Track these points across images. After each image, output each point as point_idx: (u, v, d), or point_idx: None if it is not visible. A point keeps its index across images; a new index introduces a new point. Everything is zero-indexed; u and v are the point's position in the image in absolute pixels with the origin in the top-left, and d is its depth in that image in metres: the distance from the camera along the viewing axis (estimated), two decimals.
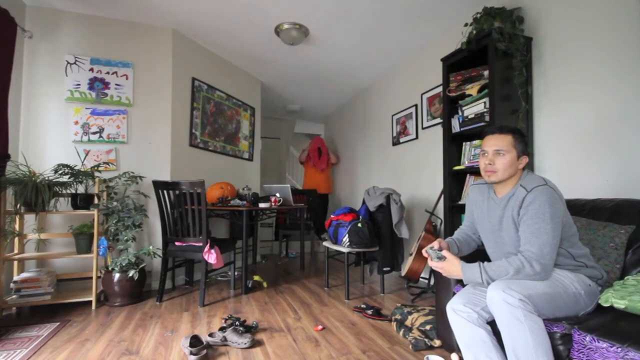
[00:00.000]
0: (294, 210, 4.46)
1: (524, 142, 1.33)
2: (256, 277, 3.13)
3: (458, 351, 1.51)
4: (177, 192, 2.50)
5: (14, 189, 2.18)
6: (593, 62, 1.91)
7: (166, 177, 2.96)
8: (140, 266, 2.52)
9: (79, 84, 2.75)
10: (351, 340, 1.90)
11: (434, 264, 1.35)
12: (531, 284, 1.16)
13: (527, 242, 1.21)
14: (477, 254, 1.53)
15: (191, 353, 1.62)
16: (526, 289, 1.13)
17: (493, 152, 1.31)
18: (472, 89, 2.33)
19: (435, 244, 1.39)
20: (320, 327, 2.07)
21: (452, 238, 1.55)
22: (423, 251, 1.42)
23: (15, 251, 2.44)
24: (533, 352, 1.05)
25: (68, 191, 2.42)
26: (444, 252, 1.33)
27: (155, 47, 2.99)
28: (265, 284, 3.05)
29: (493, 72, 2.14)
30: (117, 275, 2.44)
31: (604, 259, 1.42)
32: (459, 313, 1.24)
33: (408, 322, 2.03)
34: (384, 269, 2.80)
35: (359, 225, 2.69)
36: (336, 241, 2.82)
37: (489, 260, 1.37)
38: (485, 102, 2.22)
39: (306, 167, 5.45)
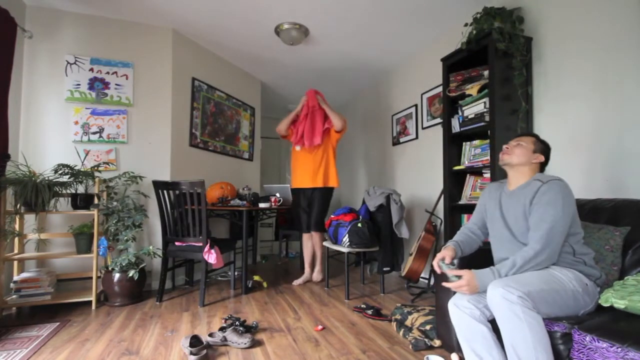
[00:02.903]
0: None
1: (544, 147, 1.45)
2: (256, 277, 3.13)
3: (458, 351, 1.51)
4: (177, 192, 2.50)
5: (14, 189, 2.18)
6: (593, 61, 1.91)
7: (166, 177, 2.96)
8: (140, 266, 2.52)
9: (79, 84, 2.75)
10: (351, 340, 1.90)
11: (451, 285, 1.29)
12: (529, 280, 1.17)
13: (534, 226, 1.27)
14: (479, 255, 1.55)
15: (191, 353, 1.62)
16: (525, 285, 1.14)
17: (514, 144, 1.44)
18: (472, 89, 2.34)
19: (447, 259, 1.38)
20: (320, 327, 2.07)
21: (454, 241, 1.54)
22: (435, 265, 1.40)
23: (15, 251, 2.44)
24: (532, 348, 1.06)
25: (68, 191, 2.42)
26: (457, 272, 1.28)
27: (155, 47, 2.99)
28: (265, 284, 3.05)
29: (493, 72, 2.14)
30: (117, 275, 2.44)
31: (600, 261, 1.42)
32: (462, 309, 1.25)
33: (408, 322, 2.03)
34: (384, 269, 2.80)
35: (359, 225, 2.69)
36: (336, 241, 2.82)
37: (490, 259, 1.43)
38: (485, 102, 2.22)
39: (294, 148, 3.28)
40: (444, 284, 1.33)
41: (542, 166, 1.45)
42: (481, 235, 1.59)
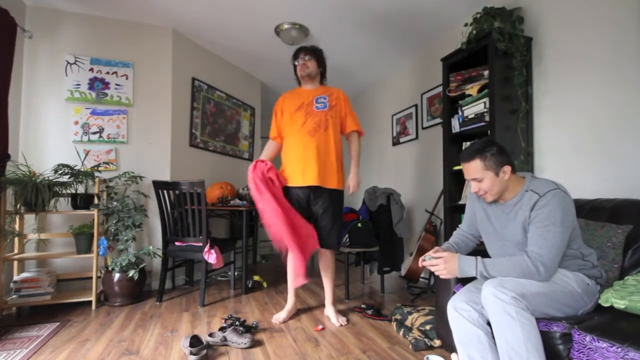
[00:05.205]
0: None
1: (497, 154, 1.29)
2: (256, 277, 3.13)
3: None
4: (177, 192, 2.50)
5: (14, 189, 2.18)
6: (593, 61, 1.91)
7: (166, 177, 2.96)
8: (140, 266, 2.52)
9: (79, 84, 2.75)
10: (351, 340, 1.90)
11: (427, 263, 1.35)
12: (525, 282, 1.17)
13: (535, 243, 1.21)
14: (476, 253, 1.55)
15: (191, 353, 1.62)
16: (520, 287, 1.14)
17: (473, 180, 1.35)
18: (472, 89, 2.33)
19: (431, 252, 1.40)
20: (320, 327, 2.07)
21: (450, 242, 1.56)
22: (420, 263, 1.39)
23: (15, 251, 2.43)
24: (524, 347, 1.06)
25: (68, 191, 2.42)
26: (439, 253, 1.34)
27: (155, 47, 2.99)
28: (265, 284, 3.05)
29: (493, 72, 2.14)
30: (117, 275, 2.44)
31: (602, 259, 1.42)
32: (460, 312, 1.25)
33: (408, 322, 2.03)
34: (384, 269, 2.80)
35: (359, 225, 2.70)
36: None
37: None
38: (485, 102, 2.22)
39: (288, 133, 2.42)
40: (422, 262, 1.36)
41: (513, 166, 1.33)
42: (474, 239, 1.60)
